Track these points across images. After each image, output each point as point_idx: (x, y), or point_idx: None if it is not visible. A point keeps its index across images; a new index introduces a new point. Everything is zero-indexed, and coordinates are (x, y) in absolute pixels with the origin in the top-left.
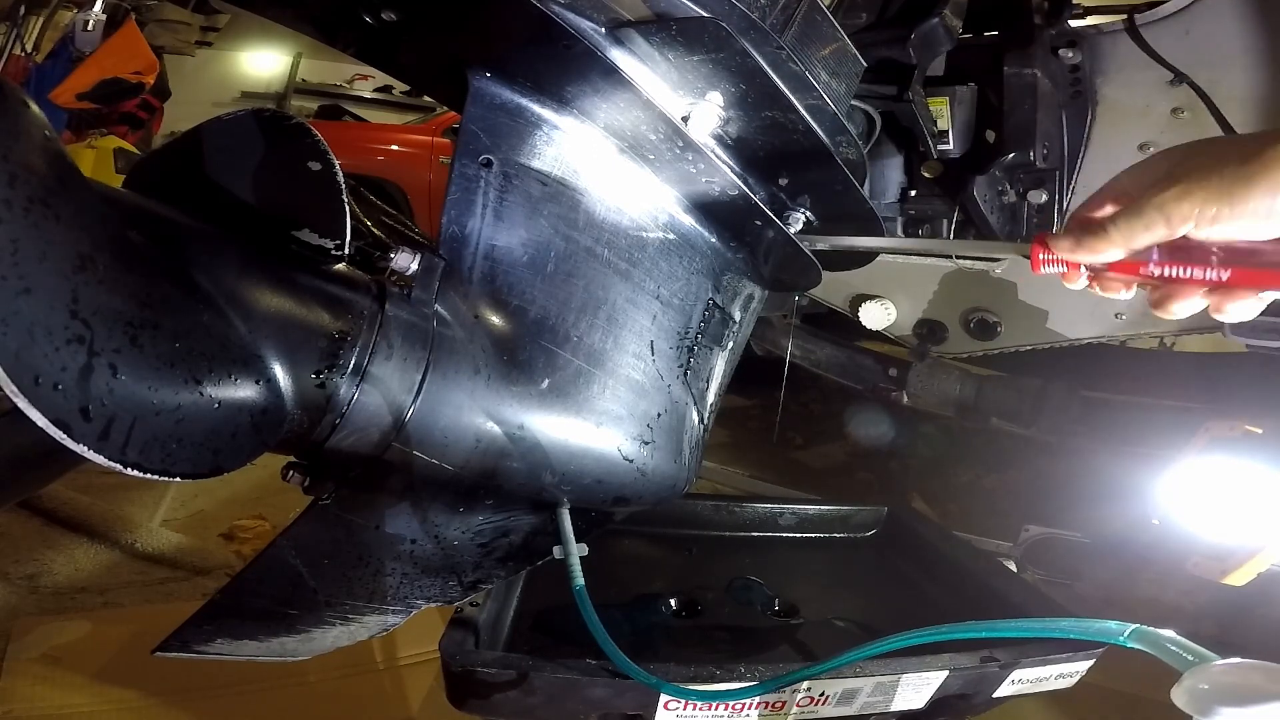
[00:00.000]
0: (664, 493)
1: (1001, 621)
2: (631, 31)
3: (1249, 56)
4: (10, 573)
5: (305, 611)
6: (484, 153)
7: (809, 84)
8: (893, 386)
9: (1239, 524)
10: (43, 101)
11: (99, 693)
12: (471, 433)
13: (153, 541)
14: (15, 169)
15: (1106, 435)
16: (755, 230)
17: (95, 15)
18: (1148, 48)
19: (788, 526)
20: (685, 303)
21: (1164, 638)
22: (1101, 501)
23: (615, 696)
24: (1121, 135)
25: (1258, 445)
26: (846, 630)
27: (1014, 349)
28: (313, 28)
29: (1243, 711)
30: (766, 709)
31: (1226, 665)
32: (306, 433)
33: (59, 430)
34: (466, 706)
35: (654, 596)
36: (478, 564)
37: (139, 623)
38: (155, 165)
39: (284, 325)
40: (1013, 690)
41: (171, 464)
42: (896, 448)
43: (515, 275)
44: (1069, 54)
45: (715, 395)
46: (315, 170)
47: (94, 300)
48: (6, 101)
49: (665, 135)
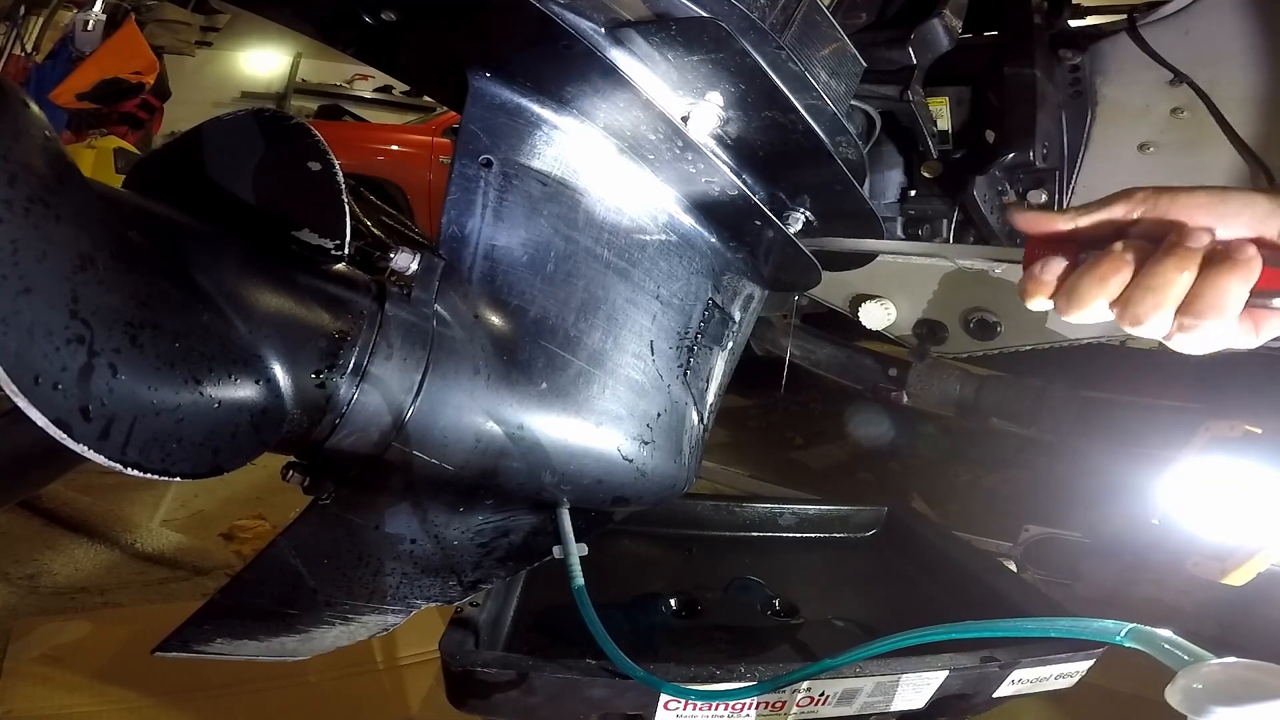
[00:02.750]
0: (664, 493)
1: (1000, 621)
2: (631, 31)
3: (1249, 56)
4: (10, 573)
5: (305, 611)
6: (484, 153)
7: (809, 84)
8: (893, 386)
9: (1239, 524)
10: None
11: (99, 693)
12: (471, 433)
13: (153, 541)
14: (15, 169)
15: (1106, 435)
16: (755, 230)
17: (95, 15)
18: (1148, 48)
19: (788, 526)
20: (685, 303)
21: (1159, 637)
22: (1101, 501)
23: (615, 696)
24: (1121, 135)
25: (1258, 445)
26: (846, 630)
27: (1014, 349)
28: (312, 28)
29: (1236, 711)
30: (766, 709)
31: (1221, 664)
32: (306, 433)
33: (59, 430)
34: (466, 706)
35: (654, 596)
36: (478, 564)
37: (139, 623)
38: (155, 165)
39: (284, 325)
40: (1013, 690)
41: (171, 464)
42: (896, 448)
43: (515, 275)
44: (1069, 54)
45: (715, 395)
46: (315, 170)
47: (94, 300)
48: (6, 101)
49: (665, 135)
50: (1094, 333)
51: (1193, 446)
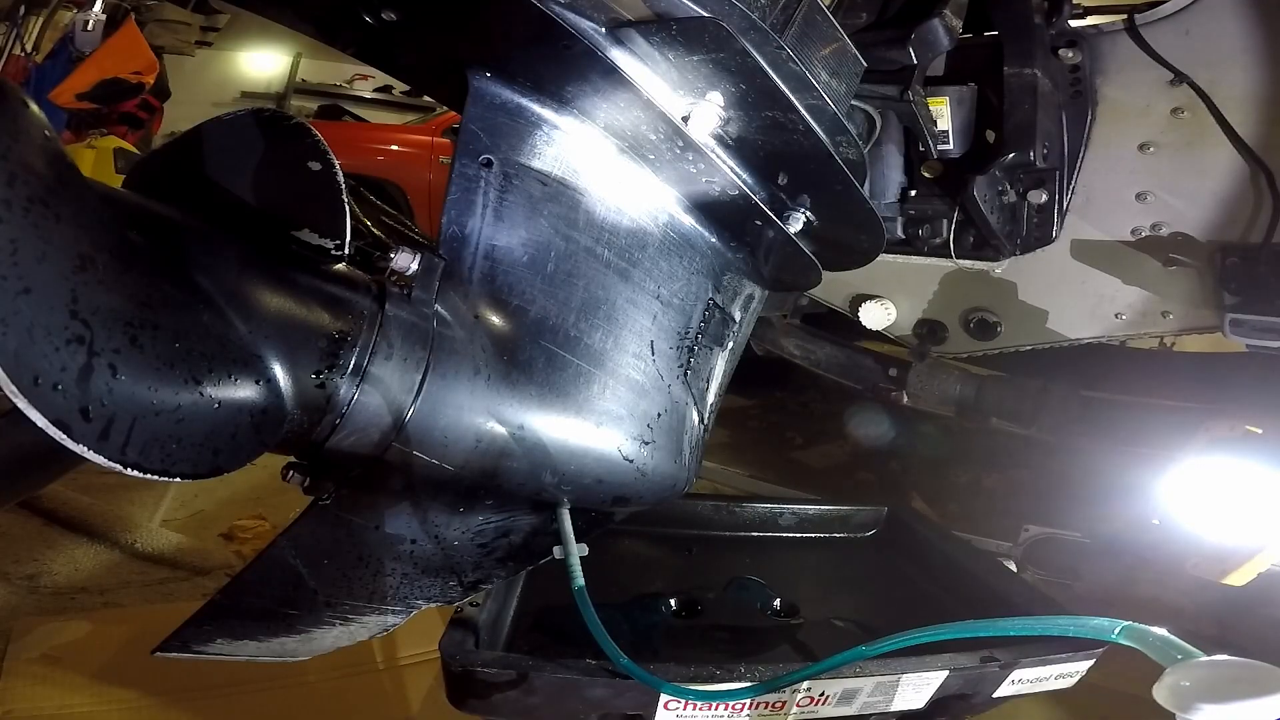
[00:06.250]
0: (664, 493)
1: (998, 620)
2: (631, 31)
3: (1249, 56)
4: (10, 573)
5: (305, 611)
6: (484, 153)
7: (809, 84)
8: (893, 386)
9: (1239, 524)
10: (43, 101)
11: (99, 693)
12: (472, 433)
13: (153, 541)
14: (15, 169)
15: (1106, 435)
16: (755, 230)
17: (95, 15)
18: (1148, 48)
19: (788, 526)
20: (685, 303)
21: (1152, 634)
22: (1101, 501)
23: (615, 696)
24: (1121, 135)
25: (1258, 445)
26: (846, 630)
27: (1014, 349)
28: (313, 28)
29: (1223, 708)
30: (766, 709)
31: (1209, 662)
32: (306, 433)
33: (59, 431)
34: (466, 706)
35: (654, 596)
36: (478, 564)
37: (139, 623)
38: (155, 165)
39: (284, 325)
40: (1013, 690)
41: (171, 464)
42: (896, 448)
43: (515, 275)
44: (1069, 54)
45: (715, 395)
46: (315, 170)
47: (94, 300)
48: (6, 101)
49: (665, 135)
50: (1094, 333)
51: (1193, 446)
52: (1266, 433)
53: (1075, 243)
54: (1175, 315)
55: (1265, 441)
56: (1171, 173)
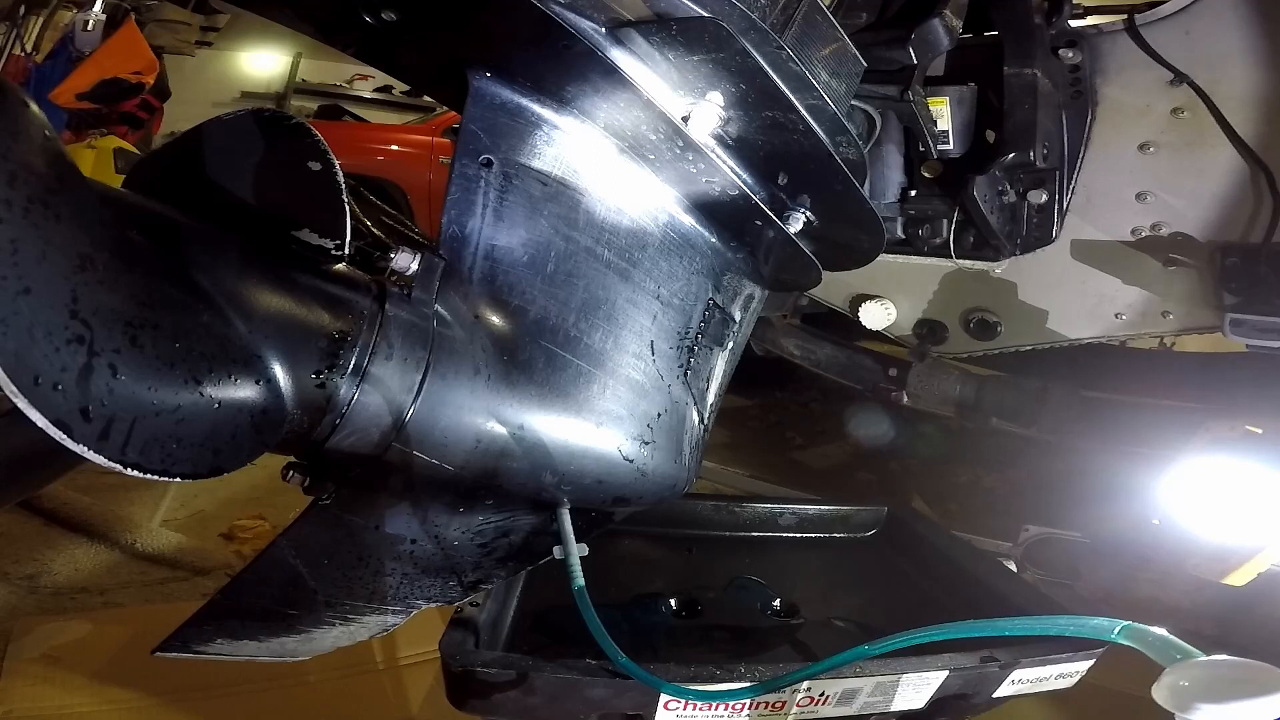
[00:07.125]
0: (664, 493)
1: (998, 620)
2: (631, 31)
3: (1249, 56)
4: (10, 573)
5: (305, 611)
6: (484, 153)
7: (809, 84)
8: (893, 386)
9: (1239, 524)
10: (43, 101)
11: (99, 693)
12: (472, 433)
13: (153, 541)
14: (15, 169)
15: (1106, 435)
16: (755, 230)
17: (95, 15)
18: (1148, 48)
19: (788, 526)
20: (685, 303)
21: (1152, 634)
22: (1101, 501)
23: (615, 696)
24: (1121, 135)
25: (1258, 445)
26: (846, 630)
27: (1014, 349)
28: (313, 28)
29: (1222, 708)
30: (766, 709)
31: (1209, 662)
32: (306, 433)
33: (59, 431)
34: (466, 706)
35: (654, 596)
36: (478, 564)
37: (139, 623)
38: (155, 165)
39: (284, 325)
40: (1013, 690)
41: (171, 464)
42: (896, 448)
43: (515, 275)
44: (1069, 54)
45: (715, 395)
46: (315, 170)
47: (94, 300)
48: (6, 101)
49: (665, 135)
50: (1094, 333)
51: (1193, 446)
52: (1266, 433)
53: (1075, 243)
54: (1175, 315)
55: (1265, 441)
56: (1171, 173)
